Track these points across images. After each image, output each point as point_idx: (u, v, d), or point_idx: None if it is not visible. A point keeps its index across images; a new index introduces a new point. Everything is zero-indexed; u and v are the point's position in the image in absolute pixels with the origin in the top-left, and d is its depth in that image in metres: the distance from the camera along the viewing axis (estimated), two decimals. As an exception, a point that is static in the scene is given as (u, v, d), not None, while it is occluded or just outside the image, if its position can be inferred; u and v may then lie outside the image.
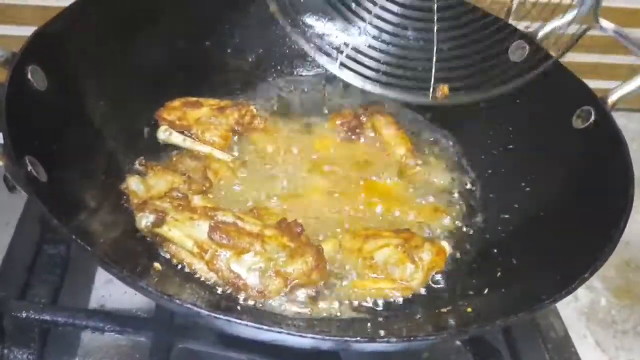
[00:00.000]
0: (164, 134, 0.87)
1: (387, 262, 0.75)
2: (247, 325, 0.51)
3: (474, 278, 0.76)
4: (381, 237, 0.77)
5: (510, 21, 0.86)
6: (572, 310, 0.91)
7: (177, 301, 0.52)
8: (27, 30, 1.00)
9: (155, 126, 0.88)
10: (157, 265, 0.69)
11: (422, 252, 0.75)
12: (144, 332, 0.72)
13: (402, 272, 0.74)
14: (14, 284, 0.77)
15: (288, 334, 0.51)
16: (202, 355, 0.74)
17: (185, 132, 0.88)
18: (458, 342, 0.78)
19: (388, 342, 0.52)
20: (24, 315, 0.70)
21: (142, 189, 0.77)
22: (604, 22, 0.78)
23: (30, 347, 0.71)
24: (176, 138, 0.87)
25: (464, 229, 0.84)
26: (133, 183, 0.77)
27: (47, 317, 0.71)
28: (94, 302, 0.82)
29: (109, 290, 0.83)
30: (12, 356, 0.70)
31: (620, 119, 0.77)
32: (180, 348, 0.71)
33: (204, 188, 0.80)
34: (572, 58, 0.83)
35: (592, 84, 0.81)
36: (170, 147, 0.88)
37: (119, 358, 0.75)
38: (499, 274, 0.75)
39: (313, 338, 0.51)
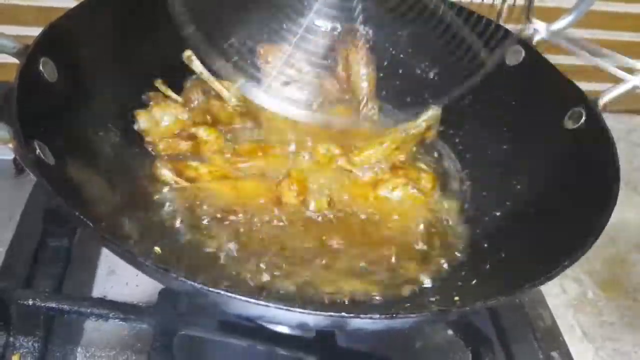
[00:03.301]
0: (187, 58, 0.90)
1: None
2: (235, 297, 0.52)
3: (463, 270, 0.78)
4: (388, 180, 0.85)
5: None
6: (560, 302, 0.93)
7: (173, 275, 0.53)
8: (29, 31, 1.02)
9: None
10: (157, 249, 0.71)
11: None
12: (147, 319, 0.73)
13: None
14: (18, 275, 0.78)
15: (277, 307, 0.52)
16: (205, 342, 0.75)
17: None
18: (450, 332, 0.80)
19: (371, 318, 0.54)
20: (30, 302, 0.71)
21: (151, 123, 0.84)
22: (537, 24, 0.80)
23: (36, 334, 0.72)
24: (197, 66, 0.90)
25: (457, 225, 0.86)
26: (142, 120, 0.84)
27: (53, 305, 0.72)
28: (95, 295, 0.83)
29: (111, 283, 0.85)
30: (18, 344, 0.71)
31: (608, 120, 0.79)
32: (183, 335, 0.72)
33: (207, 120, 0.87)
34: (559, 60, 0.86)
35: (579, 85, 0.84)
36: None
37: (121, 347, 0.77)
38: (487, 266, 0.77)
39: (300, 312, 0.53)
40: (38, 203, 0.87)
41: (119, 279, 0.85)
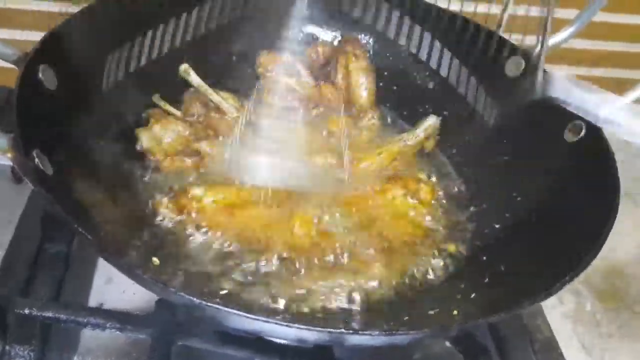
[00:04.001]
0: (184, 71, 0.90)
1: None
2: (235, 313, 0.52)
3: (462, 283, 0.78)
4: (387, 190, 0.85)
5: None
6: (558, 314, 0.93)
7: (172, 289, 0.54)
8: (30, 35, 1.02)
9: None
10: (155, 260, 0.71)
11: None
12: (144, 330, 0.73)
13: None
14: (15, 281, 0.78)
15: (276, 323, 0.52)
16: (203, 353, 0.75)
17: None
18: (448, 344, 0.80)
19: (370, 335, 0.54)
20: (26, 312, 0.71)
21: (153, 142, 0.83)
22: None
23: (32, 343, 0.71)
24: (194, 79, 0.90)
25: (455, 237, 0.85)
26: (144, 139, 0.83)
27: (50, 314, 0.71)
28: (92, 303, 0.83)
29: (108, 291, 0.85)
30: (14, 352, 0.70)
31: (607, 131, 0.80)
32: (181, 345, 0.72)
33: (209, 133, 0.86)
34: (560, 70, 0.87)
35: (579, 96, 0.84)
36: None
37: (118, 355, 0.77)
38: (486, 279, 0.76)
39: (298, 328, 0.52)
40: (37, 206, 0.87)
41: (117, 286, 0.85)
